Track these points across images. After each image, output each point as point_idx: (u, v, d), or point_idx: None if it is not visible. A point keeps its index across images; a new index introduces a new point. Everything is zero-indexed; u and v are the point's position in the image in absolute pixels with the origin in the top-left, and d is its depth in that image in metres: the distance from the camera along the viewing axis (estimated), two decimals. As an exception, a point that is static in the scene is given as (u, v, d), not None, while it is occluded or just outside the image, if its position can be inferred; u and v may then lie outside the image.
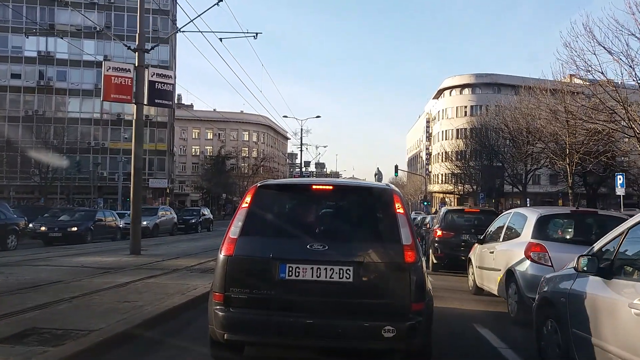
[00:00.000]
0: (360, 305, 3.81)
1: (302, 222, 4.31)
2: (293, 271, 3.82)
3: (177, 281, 8.31)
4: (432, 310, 4.08)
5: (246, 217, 4.06)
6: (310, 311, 3.79)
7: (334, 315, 3.78)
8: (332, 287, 3.82)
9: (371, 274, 3.88)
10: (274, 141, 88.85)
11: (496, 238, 7.98)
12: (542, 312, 4.54)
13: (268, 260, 3.87)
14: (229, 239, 3.99)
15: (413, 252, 3.89)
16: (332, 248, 3.88)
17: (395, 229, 3.97)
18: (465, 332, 6.04)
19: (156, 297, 6.63)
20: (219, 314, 3.85)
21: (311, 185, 4.43)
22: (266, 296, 3.84)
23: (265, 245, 3.99)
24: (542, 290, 4.65)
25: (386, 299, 3.83)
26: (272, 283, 3.83)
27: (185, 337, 5.28)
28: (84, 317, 5.32)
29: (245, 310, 3.83)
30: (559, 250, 6.21)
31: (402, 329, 3.69)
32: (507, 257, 6.96)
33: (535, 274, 6.16)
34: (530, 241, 6.44)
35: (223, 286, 3.91)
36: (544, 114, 24.77)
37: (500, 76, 60.97)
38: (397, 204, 4.10)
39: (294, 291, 3.84)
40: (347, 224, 4.33)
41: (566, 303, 3.99)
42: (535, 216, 6.73)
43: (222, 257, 3.97)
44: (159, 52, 49.65)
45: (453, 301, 8.01)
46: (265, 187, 4.40)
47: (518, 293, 6.39)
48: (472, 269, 8.92)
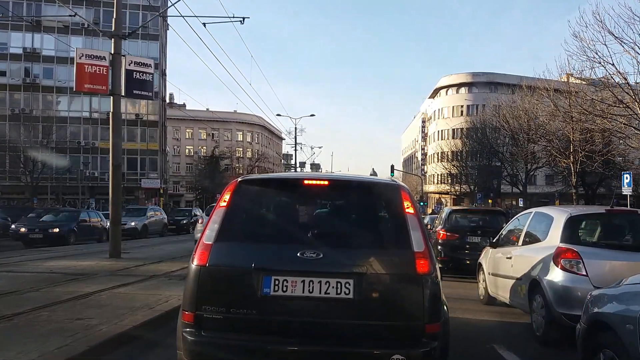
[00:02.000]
0: (363, 328, 3.14)
1: (292, 224, 3.59)
2: (280, 285, 3.13)
3: (150, 291, 7.28)
4: (449, 332, 3.35)
5: (224, 219, 3.36)
6: (301, 335, 3.11)
7: (330, 341, 3.10)
8: (328, 305, 3.13)
9: (376, 289, 3.20)
10: (268, 141, 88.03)
11: (514, 241, 6.96)
12: (594, 339, 3.62)
13: (249, 272, 3.17)
14: (203, 245, 3.28)
15: (426, 261, 3.20)
16: (327, 256, 3.19)
17: (405, 232, 3.28)
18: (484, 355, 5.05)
19: (117, 313, 5.59)
20: (188, 338, 3.14)
21: (302, 180, 3.75)
22: (246, 316, 3.13)
23: (246, 252, 3.29)
24: (592, 311, 3.70)
25: (394, 320, 3.15)
26: (254, 300, 3.13)
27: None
28: (16, 343, 4.28)
29: (220, 333, 3.14)
30: (594, 257, 5.24)
31: (415, 358, 3.02)
32: (529, 264, 5.95)
33: (567, 285, 5.20)
34: (560, 246, 5.43)
35: (194, 303, 3.20)
36: (548, 109, 24.34)
37: (496, 75, 60.98)
38: (407, 202, 3.40)
39: (281, 310, 3.15)
40: (346, 226, 3.60)
41: (635, 331, 3.08)
42: (565, 216, 5.71)
43: (193, 267, 3.26)
44: (149, 48, 48.78)
45: (464, 312, 7.01)
46: (247, 183, 3.64)
47: (545, 307, 5.38)
48: (483, 276, 7.90)
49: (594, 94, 19.43)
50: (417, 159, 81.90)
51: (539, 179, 48.81)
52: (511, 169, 34.72)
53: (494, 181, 39.33)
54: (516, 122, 30.52)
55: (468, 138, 45.49)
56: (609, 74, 17.12)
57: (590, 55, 16.80)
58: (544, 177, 47.93)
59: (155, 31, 50.34)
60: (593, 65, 17.23)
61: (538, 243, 6.11)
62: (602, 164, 24.46)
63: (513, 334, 6.10)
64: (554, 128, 24.84)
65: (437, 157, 61.81)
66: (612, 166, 28.08)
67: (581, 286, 5.09)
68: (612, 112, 17.84)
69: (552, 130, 25.76)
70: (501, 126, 33.97)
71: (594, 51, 16.55)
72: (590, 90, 20.10)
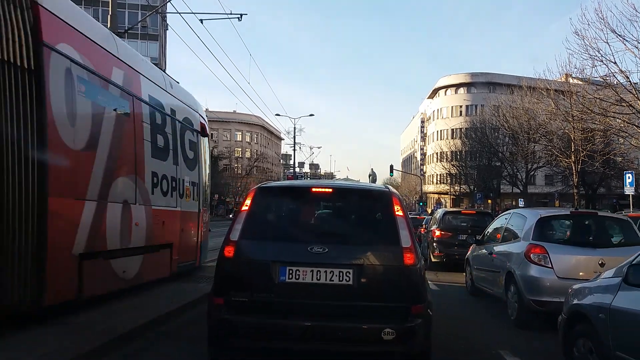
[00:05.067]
0: (360, 308, 3.85)
1: (302, 224, 4.36)
2: (293, 274, 3.84)
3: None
4: (432, 313, 4.08)
5: (246, 220, 4.07)
6: (310, 314, 3.82)
7: (334, 318, 3.82)
8: (332, 290, 3.84)
9: (371, 277, 3.91)
10: (267, 141, 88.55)
11: (495, 239, 8.00)
12: (573, 328, 4.07)
13: (268, 263, 3.89)
14: (229, 241, 3.99)
15: (412, 255, 3.92)
16: (332, 251, 3.90)
17: (394, 231, 3.99)
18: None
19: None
20: (220, 318, 3.86)
21: (311, 187, 4.49)
22: (266, 299, 3.86)
23: (265, 247, 4.03)
24: (571, 302, 4.17)
25: (386, 302, 3.87)
26: (272, 286, 3.85)
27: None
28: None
29: (245, 313, 3.83)
30: (559, 252, 6.25)
31: (402, 331, 3.74)
32: (506, 259, 6.97)
33: (536, 275, 6.20)
34: (531, 243, 6.44)
35: (223, 290, 3.94)
36: (549, 108, 24.32)
37: (495, 75, 60.50)
38: (396, 206, 4.12)
39: (294, 294, 3.86)
40: (346, 226, 4.37)
41: (606, 320, 3.54)
42: (536, 217, 6.74)
43: (222, 259, 3.99)
44: (148, 48, 49.35)
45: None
46: (265, 190, 4.43)
47: (518, 295, 6.39)
48: (470, 269, 8.95)
49: (596, 92, 19.10)
50: (416, 159, 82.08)
51: (539, 179, 49.13)
52: (511, 169, 34.53)
53: (494, 181, 38.89)
54: (516, 122, 30.49)
55: (468, 138, 45.45)
56: (611, 72, 16.76)
57: (592, 54, 16.57)
58: (543, 177, 48.26)
59: (154, 31, 50.93)
60: (595, 63, 17.00)
61: (514, 240, 7.13)
62: (603, 164, 24.41)
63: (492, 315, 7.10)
64: (554, 127, 24.59)
65: (436, 157, 61.85)
66: (613, 165, 28.18)
67: (547, 277, 6.11)
68: (614, 111, 17.49)
69: (553, 129, 25.65)
70: (501, 125, 33.97)
71: (596, 49, 16.32)
72: (591, 88, 19.76)
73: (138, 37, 48.02)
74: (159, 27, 50.96)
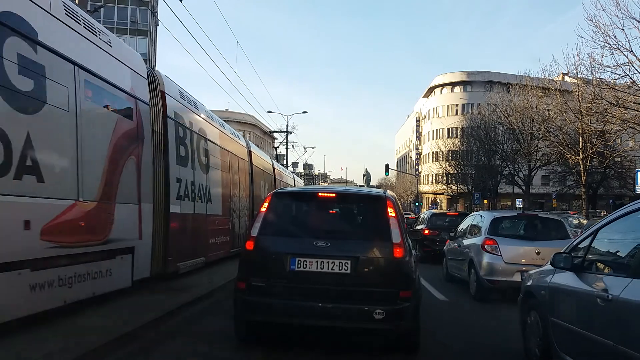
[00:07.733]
0: (356, 292, 4.67)
1: (310, 223, 5.26)
2: (301, 264, 4.71)
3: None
4: (419, 298, 5.00)
5: (263, 219, 5.05)
6: (315, 296, 4.67)
7: (335, 300, 4.66)
8: (333, 277, 4.68)
9: (366, 267, 4.75)
10: (260, 140, 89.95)
11: (463, 235, 10.52)
12: (526, 304, 5.05)
13: (281, 255, 4.77)
14: (250, 236, 4.98)
15: (401, 249, 4.73)
16: (333, 245, 4.77)
17: (387, 229, 4.83)
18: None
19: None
20: (242, 299, 4.85)
21: (318, 192, 5.50)
22: (279, 284, 4.75)
23: (279, 242, 4.93)
24: (526, 284, 5.19)
25: (378, 288, 4.68)
26: (284, 273, 4.74)
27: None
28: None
29: (262, 295, 4.75)
30: (506, 244, 8.75)
31: (391, 312, 4.55)
32: (469, 250, 9.45)
33: (489, 261, 8.67)
34: (486, 237, 8.92)
35: (244, 276, 4.91)
36: (555, 103, 24.55)
37: (492, 74, 60.58)
38: (390, 208, 5.02)
39: (302, 280, 4.72)
40: (346, 225, 5.45)
41: (545, 295, 4.56)
42: (491, 217, 9.35)
43: (245, 251, 5.00)
44: (137, 44, 50.28)
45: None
46: (279, 194, 5.48)
47: (476, 276, 8.83)
48: (445, 260, 11.48)
49: (610, 84, 18.99)
50: (411, 159, 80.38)
51: (536, 179, 49.77)
52: (512, 167, 34.97)
53: (492, 181, 39.45)
54: (518, 117, 30.57)
55: (465, 136, 45.64)
56: (629, 60, 16.63)
57: (608, 41, 16.41)
58: (539, 178, 48.77)
59: (144, 26, 51.43)
60: (610, 51, 16.89)
61: (476, 235, 9.60)
62: (608, 163, 24.93)
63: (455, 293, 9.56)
64: (560, 122, 24.63)
65: (431, 157, 62.32)
66: (620, 165, 28.96)
67: (497, 262, 8.61)
68: (632, 101, 17.33)
69: (560, 125, 25.64)
70: (501, 122, 34.46)
71: (613, 36, 16.20)
72: (603, 79, 19.58)
73: (127, 32, 48.78)
74: (148, 23, 51.48)
